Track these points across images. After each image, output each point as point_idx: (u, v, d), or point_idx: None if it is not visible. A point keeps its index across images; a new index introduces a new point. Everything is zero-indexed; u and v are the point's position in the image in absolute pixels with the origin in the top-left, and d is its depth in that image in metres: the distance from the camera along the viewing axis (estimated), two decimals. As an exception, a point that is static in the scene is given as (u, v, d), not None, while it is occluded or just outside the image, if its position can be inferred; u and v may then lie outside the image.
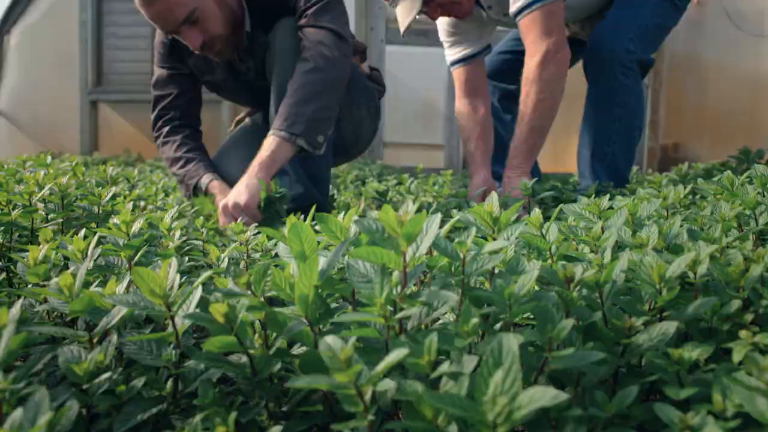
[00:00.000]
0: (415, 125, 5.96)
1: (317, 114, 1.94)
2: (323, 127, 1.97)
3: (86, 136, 6.84)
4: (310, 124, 1.92)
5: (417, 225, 0.63)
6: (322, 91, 1.97)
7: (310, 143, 1.93)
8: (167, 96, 2.29)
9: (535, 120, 2.07)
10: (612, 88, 2.19)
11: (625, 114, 2.23)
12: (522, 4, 2.06)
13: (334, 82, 2.00)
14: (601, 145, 2.25)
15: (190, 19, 1.98)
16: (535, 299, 0.69)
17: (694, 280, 0.80)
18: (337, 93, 2.02)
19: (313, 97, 1.94)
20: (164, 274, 0.70)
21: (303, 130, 1.90)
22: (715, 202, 1.24)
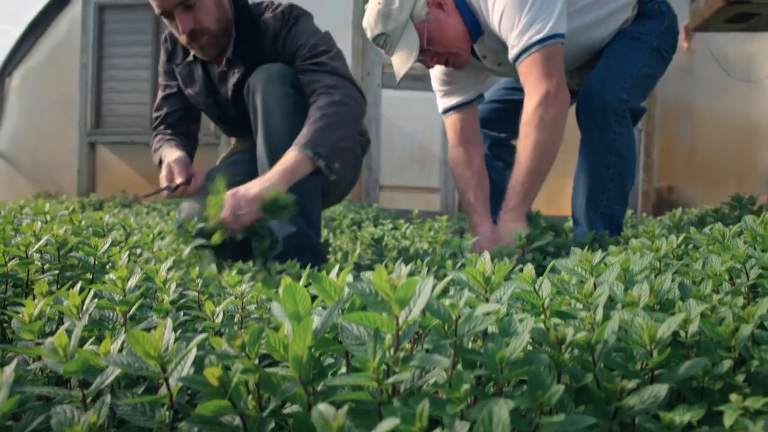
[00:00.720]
0: (411, 168, 6.02)
1: (341, 142, 2.06)
2: (342, 155, 2.09)
3: (84, 177, 6.88)
4: (333, 149, 2.02)
5: (409, 290, 0.64)
6: (346, 122, 2.08)
7: (329, 167, 2.02)
8: (160, 116, 2.47)
9: (533, 161, 2.08)
10: (606, 137, 2.23)
11: (618, 161, 2.26)
12: (521, 48, 2.09)
13: (355, 118, 2.13)
14: (595, 193, 2.27)
15: (187, 3, 2.09)
16: (527, 361, 0.69)
17: (685, 339, 0.81)
18: (354, 127, 2.16)
19: (338, 125, 2.05)
20: (159, 335, 0.71)
21: (327, 152, 2.00)
22: (707, 255, 1.26)
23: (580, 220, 2.33)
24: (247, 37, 2.23)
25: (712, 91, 6.05)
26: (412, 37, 2.18)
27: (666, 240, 1.53)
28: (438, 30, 2.22)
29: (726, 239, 1.33)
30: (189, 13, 2.11)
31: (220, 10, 2.19)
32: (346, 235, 3.07)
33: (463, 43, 2.28)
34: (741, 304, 0.97)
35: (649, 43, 2.33)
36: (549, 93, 2.05)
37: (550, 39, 2.06)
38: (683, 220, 2.64)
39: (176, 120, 2.48)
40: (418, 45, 2.18)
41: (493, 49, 2.31)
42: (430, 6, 2.21)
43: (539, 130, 2.06)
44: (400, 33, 2.18)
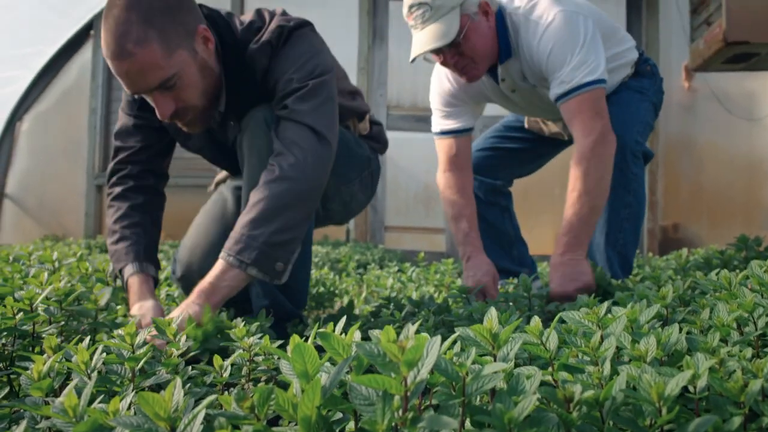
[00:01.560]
0: (416, 209, 6.04)
1: (275, 237, 1.62)
2: (283, 252, 1.65)
3: (91, 219, 6.93)
4: (264, 249, 1.61)
5: (418, 352, 0.64)
6: (285, 206, 1.65)
7: (265, 272, 1.62)
8: (128, 148, 1.98)
9: (595, 199, 2.05)
10: (625, 177, 2.27)
11: (635, 202, 2.32)
12: (572, 86, 2.09)
13: (302, 195, 1.68)
14: (614, 232, 2.32)
15: (166, 85, 1.64)
16: (536, 421, 0.69)
17: (693, 394, 0.81)
18: (305, 207, 1.70)
19: (272, 215, 1.63)
20: (169, 396, 0.71)
21: (255, 257, 1.60)
22: (714, 302, 1.25)
23: (596, 258, 2.34)
24: (238, 82, 1.84)
25: (714, 130, 6.09)
26: (454, 23, 2.12)
27: (672, 285, 1.53)
28: (476, 33, 2.19)
29: (733, 286, 1.33)
30: (169, 95, 1.67)
31: (207, 78, 1.75)
32: (352, 278, 3.07)
33: (490, 57, 2.26)
34: (749, 355, 0.97)
35: (650, 98, 2.46)
36: (604, 131, 2.07)
37: (600, 82, 2.09)
38: (689, 262, 2.63)
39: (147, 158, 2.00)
40: (455, 32, 2.12)
41: (514, 75, 2.33)
42: (480, 9, 2.19)
43: (599, 167, 2.05)
44: (444, 13, 2.12)
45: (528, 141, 2.72)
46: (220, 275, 1.60)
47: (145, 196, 1.96)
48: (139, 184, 1.97)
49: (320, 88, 1.77)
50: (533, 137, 2.70)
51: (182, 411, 0.73)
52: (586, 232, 2.05)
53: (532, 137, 2.70)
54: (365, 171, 2.15)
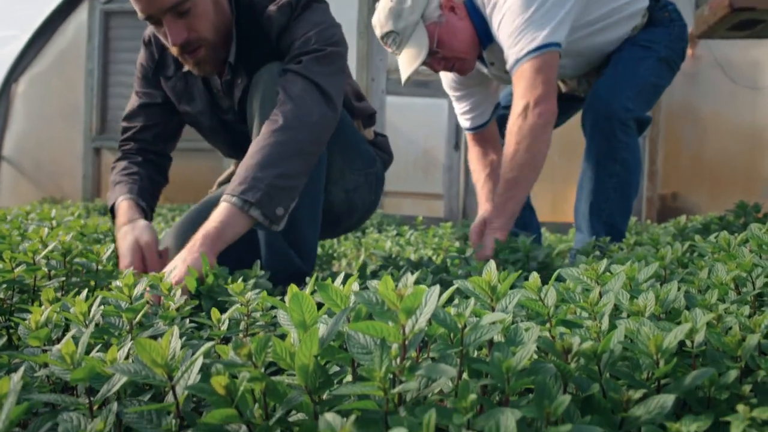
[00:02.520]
0: (415, 175, 6.03)
1: (278, 181, 1.63)
2: (284, 197, 1.65)
3: (89, 182, 6.91)
4: (268, 191, 1.61)
5: (416, 299, 0.64)
6: (289, 154, 1.66)
7: (266, 215, 1.62)
8: (132, 128, 2.05)
9: (510, 172, 2.04)
10: (610, 145, 2.22)
11: (622, 171, 2.25)
12: (515, 58, 2.07)
13: (304, 146, 1.69)
14: (598, 201, 2.27)
15: (179, 9, 1.69)
16: (533, 371, 0.69)
17: (691, 348, 0.81)
18: (307, 160, 1.71)
19: (276, 160, 1.64)
20: (166, 343, 0.71)
21: (259, 198, 1.60)
22: (712, 263, 1.25)
23: (582, 227, 2.33)
24: (250, 38, 1.87)
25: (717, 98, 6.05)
26: (422, 38, 2.15)
27: (671, 248, 1.53)
28: (449, 33, 2.19)
29: (731, 247, 1.33)
30: (181, 21, 1.71)
31: (219, 14, 1.81)
32: (351, 242, 3.07)
33: (472, 49, 2.26)
34: (747, 313, 0.97)
35: (658, 53, 2.31)
36: (529, 103, 2.02)
37: (543, 48, 2.03)
38: (688, 228, 2.63)
39: (152, 138, 2.05)
40: (427, 46, 2.15)
41: (501, 56, 2.31)
42: (443, 9, 2.18)
43: (516, 139, 2.03)
44: (410, 32, 2.14)
45: None
46: (225, 219, 1.58)
47: (144, 159, 2.01)
48: (141, 156, 2.02)
49: (337, 58, 1.81)
50: None
51: (179, 360, 0.73)
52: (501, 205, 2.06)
53: None
54: (372, 168, 2.15)
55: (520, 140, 2.02)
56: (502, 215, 2.06)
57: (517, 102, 2.06)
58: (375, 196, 2.21)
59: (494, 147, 2.51)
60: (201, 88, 1.97)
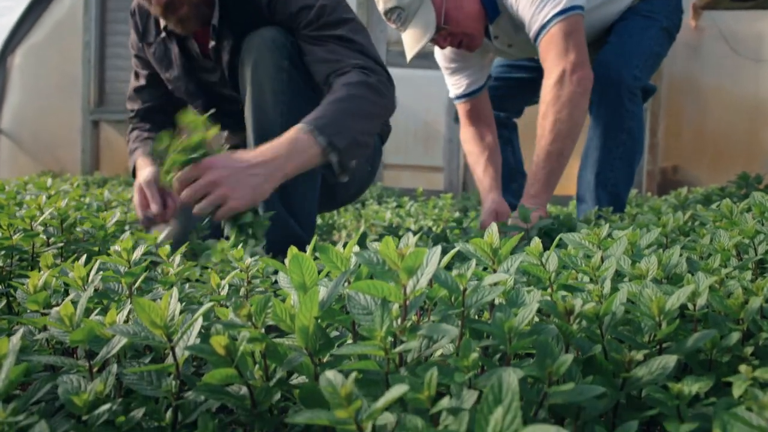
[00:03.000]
0: (415, 147, 5.99)
1: (363, 136, 1.63)
2: (359, 152, 1.65)
3: (87, 155, 6.87)
4: (353, 144, 1.58)
5: (417, 259, 0.63)
6: (375, 114, 1.68)
7: (342, 165, 1.57)
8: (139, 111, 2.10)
9: (552, 143, 1.98)
10: (618, 114, 2.20)
11: (629, 140, 2.24)
12: (540, 24, 2.01)
13: (385, 112, 1.73)
14: (604, 171, 2.26)
15: None
16: (535, 332, 0.69)
17: (693, 312, 0.81)
18: (377, 127, 1.73)
19: (365, 115, 1.63)
20: (165, 305, 0.70)
21: (345, 145, 1.55)
22: (714, 230, 1.25)
23: (586, 197, 2.32)
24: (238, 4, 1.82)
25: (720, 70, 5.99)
26: (429, 14, 2.08)
27: (673, 216, 1.52)
28: (455, 9, 2.13)
29: (734, 215, 1.32)
30: None
31: None
32: (350, 213, 3.06)
33: (479, 23, 2.21)
34: (749, 278, 0.97)
35: (660, 22, 2.30)
36: (565, 70, 1.97)
37: (569, 11, 1.97)
38: (689, 199, 2.62)
39: (155, 112, 2.09)
40: (434, 22, 2.08)
41: (507, 30, 2.27)
42: None
43: (556, 109, 1.96)
44: (416, 8, 2.08)
45: (536, 70, 2.65)
46: (299, 148, 1.49)
47: (152, 124, 2.08)
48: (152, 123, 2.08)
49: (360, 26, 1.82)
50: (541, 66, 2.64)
51: (179, 323, 0.73)
52: (544, 179, 2.00)
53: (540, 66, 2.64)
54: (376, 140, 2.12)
55: (560, 109, 1.96)
56: (546, 190, 2.00)
57: (551, 69, 2.00)
58: (372, 168, 2.17)
59: (489, 126, 2.45)
60: (177, 54, 1.93)
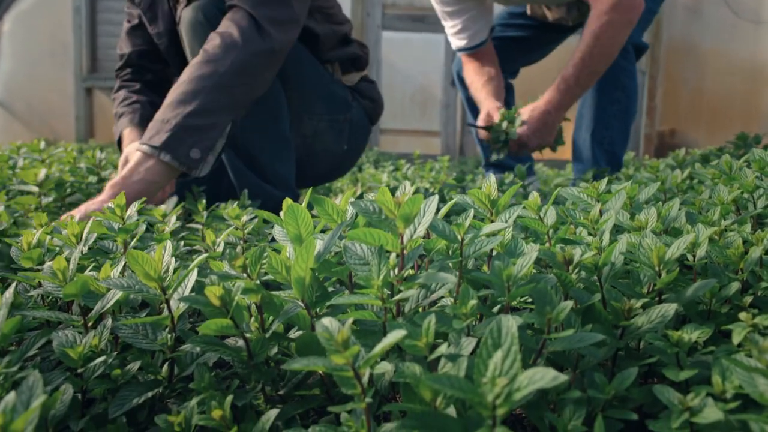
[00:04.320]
0: (411, 112, 5.95)
1: (189, 120, 1.45)
2: (200, 138, 1.47)
3: (82, 123, 6.81)
4: (176, 132, 1.44)
5: (414, 206, 0.62)
6: (205, 89, 1.48)
7: (178, 159, 1.45)
8: (123, 56, 2.00)
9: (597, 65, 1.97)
10: (611, 71, 2.18)
11: (623, 97, 2.23)
12: None
13: (226, 79, 1.50)
14: (600, 129, 2.25)
15: None
16: (534, 281, 0.68)
17: (692, 262, 0.80)
18: (231, 94, 1.53)
19: (190, 97, 1.47)
20: (159, 257, 0.69)
21: (166, 140, 1.43)
22: (713, 186, 1.24)
23: (582, 156, 2.31)
24: None
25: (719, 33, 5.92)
26: None
27: (671, 173, 1.51)
28: None
29: (733, 171, 1.31)
30: None
31: None
32: (347, 177, 3.04)
33: None
34: (749, 230, 0.96)
35: None
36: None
37: None
38: (686, 160, 2.61)
39: (145, 59, 1.97)
40: None
41: None
42: None
43: (606, 30, 1.94)
44: None
45: (532, 28, 2.61)
46: (133, 167, 1.45)
47: (142, 84, 1.97)
48: (137, 77, 1.98)
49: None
50: (537, 24, 2.59)
51: (175, 278, 0.72)
52: (577, 95, 2.01)
53: (536, 24, 2.59)
54: (340, 114, 1.99)
55: (610, 32, 1.94)
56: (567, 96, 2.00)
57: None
58: (350, 146, 2.06)
59: (492, 62, 2.41)
60: (165, 10, 1.86)
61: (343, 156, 2.07)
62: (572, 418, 0.57)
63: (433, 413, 0.51)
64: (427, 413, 0.50)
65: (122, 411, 0.66)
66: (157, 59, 1.98)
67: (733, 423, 0.55)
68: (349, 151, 2.08)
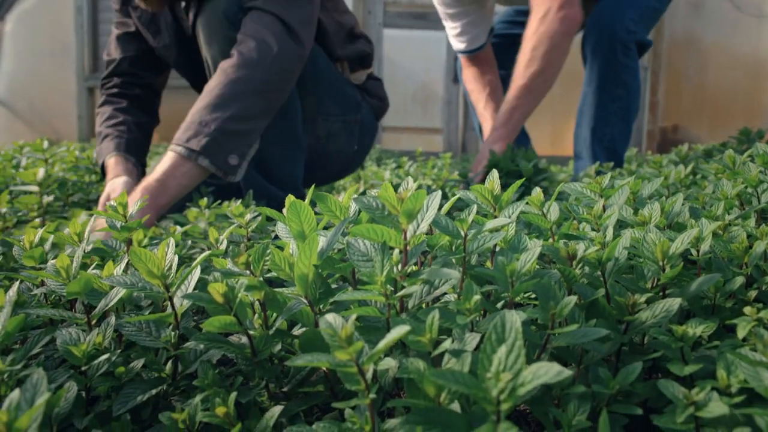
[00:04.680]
0: (413, 109, 5.94)
1: (229, 124, 1.45)
2: (238, 143, 1.48)
3: (84, 122, 6.82)
4: (217, 137, 1.44)
5: (417, 202, 0.62)
6: (243, 93, 1.49)
7: (217, 165, 1.45)
8: (112, 62, 1.94)
9: (525, 79, 1.94)
10: (612, 68, 2.18)
11: (625, 94, 2.23)
12: None
13: (261, 84, 1.51)
14: (601, 126, 2.24)
15: None
16: (537, 276, 0.68)
17: (696, 257, 0.80)
18: (267, 99, 1.54)
19: (228, 101, 1.47)
20: (162, 254, 0.69)
21: (206, 144, 1.43)
22: (717, 181, 1.23)
23: (583, 153, 2.30)
24: None
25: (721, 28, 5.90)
26: None
27: (675, 169, 1.50)
28: None
29: (737, 165, 1.31)
30: None
31: None
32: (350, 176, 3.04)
33: None
34: (753, 225, 0.96)
35: None
36: (551, 7, 1.92)
37: None
38: (689, 156, 2.60)
39: (132, 69, 1.92)
40: None
41: None
42: None
43: (533, 44, 1.92)
44: None
45: None
46: (169, 170, 1.42)
47: (129, 100, 1.91)
48: (124, 91, 1.92)
49: None
50: None
51: (179, 276, 0.72)
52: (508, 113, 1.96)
53: None
54: (352, 115, 1.98)
55: (537, 45, 1.92)
56: (506, 124, 1.97)
57: (538, 5, 1.95)
58: (360, 146, 2.06)
59: (491, 67, 2.43)
60: (169, 22, 1.82)
61: (353, 156, 2.08)
62: (577, 413, 0.57)
63: (437, 409, 0.51)
64: (431, 409, 0.50)
65: (126, 408, 0.66)
66: (149, 67, 1.94)
67: (739, 417, 0.55)
68: (358, 151, 2.08)
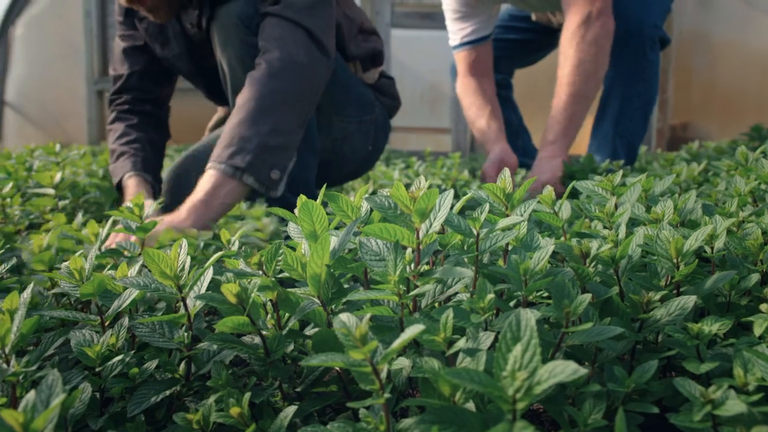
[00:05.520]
0: (421, 109, 5.93)
1: (269, 139, 1.44)
2: (279, 158, 1.47)
3: (94, 125, 6.85)
4: (259, 153, 1.43)
5: (430, 201, 0.62)
6: (277, 107, 1.47)
7: (260, 181, 1.44)
8: (120, 77, 1.90)
9: (575, 85, 1.90)
10: (640, 64, 2.19)
11: (647, 89, 2.25)
12: None
13: (295, 95, 1.50)
14: (624, 121, 2.25)
15: None
16: (551, 275, 0.68)
17: (710, 254, 0.79)
18: (301, 111, 1.52)
19: (264, 115, 1.45)
20: (175, 255, 0.69)
21: (250, 161, 1.42)
22: (729, 178, 1.22)
23: (603, 148, 2.29)
24: None
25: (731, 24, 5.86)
26: None
27: (687, 166, 1.50)
28: None
29: (749, 162, 1.30)
30: None
31: None
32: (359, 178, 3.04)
33: None
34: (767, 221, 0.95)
35: None
36: (591, 13, 1.90)
37: None
38: (700, 153, 2.59)
39: (142, 84, 1.89)
40: None
41: None
42: None
43: (580, 48, 1.89)
44: None
45: (533, 32, 2.61)
46: (213, 190, 1.40)
47: (140, 117, 1.89)
48: (134, 108, 1.89)
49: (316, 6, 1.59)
50: (539, 28, 2.60)
51: (191, 276, 0.72)
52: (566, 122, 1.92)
53: (538, 28, 2.60)
54: (366, 115, 1.96)
55: (586, 50, 1.89)
56: (567, 134, 1.92)
57: (575, 11, 1.92)
58: (374, 146, 2.03)
59: (489, 79, 2.38)
60: (178, 31, 1.79)
61: (368, 156, 2.06)
62: (592, 412, 0.57)
63: (453, 408, 0.50)
64: (446, 408, 0.50)
65: (140, 409, 0.66)
66: (157, 80, 1.91)
67: (756, 415, 0.55)
68: (373, 151, 2.06)
